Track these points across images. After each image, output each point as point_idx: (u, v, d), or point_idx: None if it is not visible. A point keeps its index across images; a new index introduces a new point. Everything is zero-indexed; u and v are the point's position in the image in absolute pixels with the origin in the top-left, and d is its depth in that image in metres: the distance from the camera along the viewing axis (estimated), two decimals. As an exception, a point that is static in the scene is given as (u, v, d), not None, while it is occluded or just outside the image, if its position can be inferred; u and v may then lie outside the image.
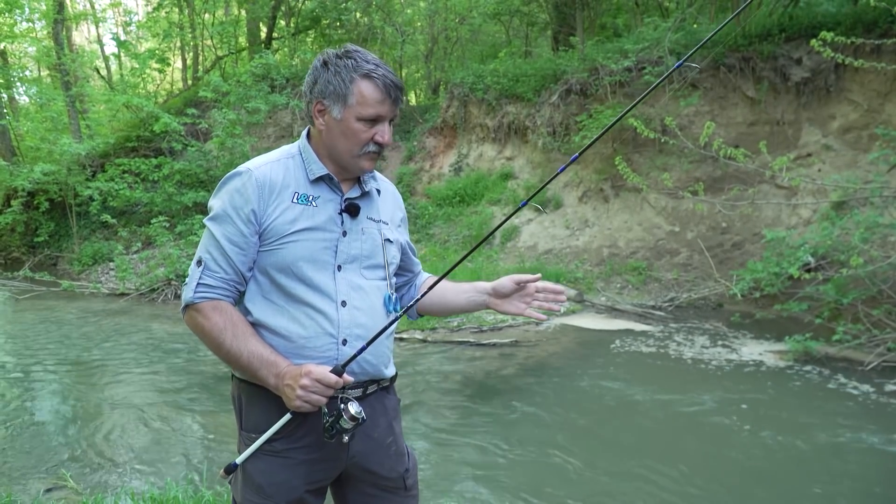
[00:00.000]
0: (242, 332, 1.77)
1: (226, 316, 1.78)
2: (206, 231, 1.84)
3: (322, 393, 1.69)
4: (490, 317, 9.25)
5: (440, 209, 14.46)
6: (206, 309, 1.78)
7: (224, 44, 21.15)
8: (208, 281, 1.79)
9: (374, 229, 1.95)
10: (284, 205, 1.81)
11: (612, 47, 12.77)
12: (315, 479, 1.88)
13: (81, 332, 9.40)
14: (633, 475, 4.61)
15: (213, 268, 1.79)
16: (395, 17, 20.24)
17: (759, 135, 10.54)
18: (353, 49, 1.84)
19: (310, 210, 1.83)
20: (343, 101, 1.80)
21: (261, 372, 1.74)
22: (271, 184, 1.81)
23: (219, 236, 1.79)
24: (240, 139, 14.57)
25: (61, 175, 15.29)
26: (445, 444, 5.30)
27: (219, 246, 1.79)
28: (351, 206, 1.89)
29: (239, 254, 1.79)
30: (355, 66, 1.79)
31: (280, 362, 1.74)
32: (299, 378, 1.68)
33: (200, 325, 1.78)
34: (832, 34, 6.57)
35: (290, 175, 1.85)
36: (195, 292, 1.79)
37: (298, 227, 1.80)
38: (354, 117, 1.80)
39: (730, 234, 10.66)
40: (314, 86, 1.84)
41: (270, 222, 1.79)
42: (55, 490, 4.43)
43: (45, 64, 24.94)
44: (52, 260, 16.02)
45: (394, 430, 2.02)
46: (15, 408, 6.33)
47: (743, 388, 6.36)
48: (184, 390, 6.78)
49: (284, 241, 1.80)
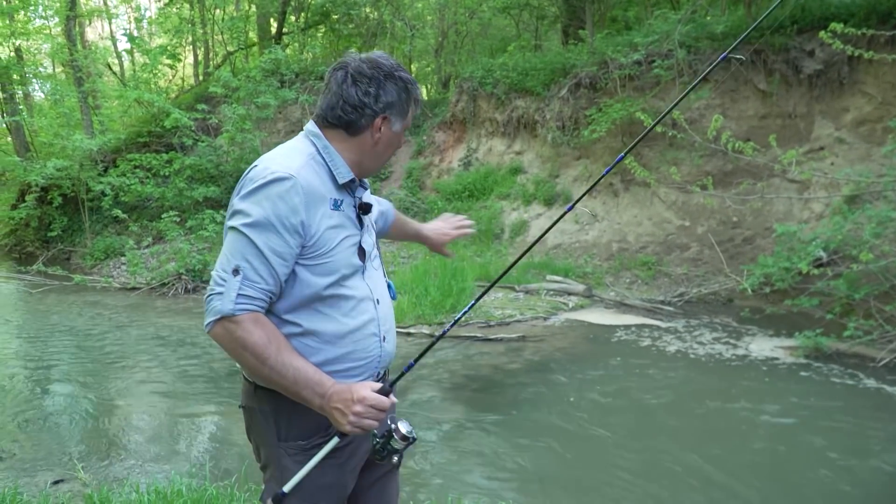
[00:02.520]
0: (285, 347, 1.70)
1: (268, 329, 1.69)
2: (242, 238, 1.68)
3: (375, 417, 1.68)
4: (498, 312, 9.21)
5: (449, 204, 14.41)
6: (247, 321, 1.66)
7: (234, 39, 21.18)
8: (248, 292, 1.66)
9: (369, 222, 1.96)
10: (327, 214, 1.77)
11: (621, 40, 12.67)
12: (356, 472, 1.93)
13: (93, 325, 9.45)
14: (639, 469, 4.58)
15: (253, 278, 1.67)
16: (405, 11, 20.18)
17: (771, 128, 10.42)
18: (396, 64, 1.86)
19: (341, 216, 1.81)
20: (402, 118, 1.88)
21: (304, 391, 1.68)
22: (314, 192, 1.73)
23: (261, 245, 1.67)
24: (249, 134, 14.61)
25: (74, 170, 15.40)
26: (453, 438, 5.28)
27: (261, 255, 1.67)
28: (364, 206, 1.90)
29: (282, 265, 1.70)
30: (411, 87, 1.87)
31: (325, 382, 1.69)
32: (351, 404, 1.65)
33: (240, 339, 1.66)
34: (842, 26, 6.47)
35: (321, 179, 1.79)
36: (236, 303, 1.65)
37: (342, 236, 1.79)
38: (403, 129, 1.90)
39: (741, 229, 10.56)
40: (380, 97, 1.81)
41: (319, 234, 1.74)
42: (63, 482, 4.47)
43: (58, 60, 25.08)
44: (66, 254, 16.14)
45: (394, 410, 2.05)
46: (25, 400, 6.39)
47: (752, 383, 6.31)
48: (193, 384, 6.81)
49: (333, 252, 1.77)
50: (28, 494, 3.99)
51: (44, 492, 4.08)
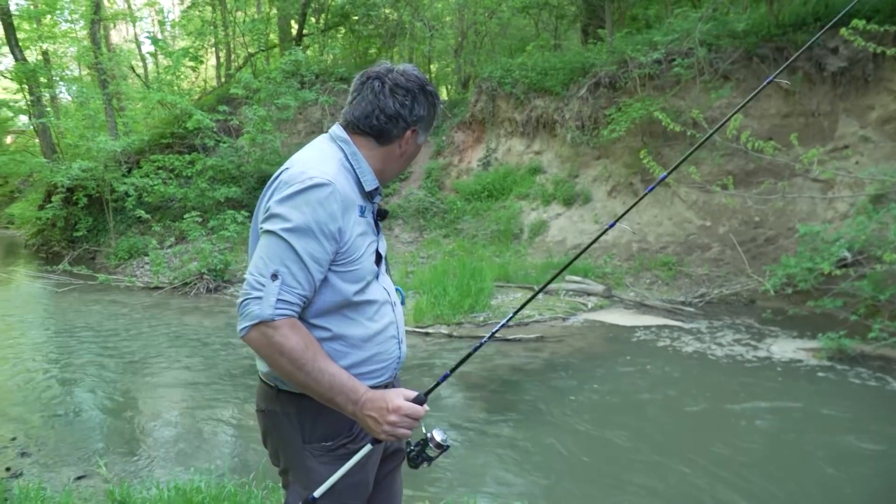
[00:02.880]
0: (320, 352, 1.70)
1: (304, 335, 1.69)
2: (281, 243, 1.68)
3: (409, 426, 1.70)
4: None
5: (468, 204, 14.41)
6: (285, 327, 1.66)
7: (255, 41, 21.33)
8: (287, 297, 1.67)
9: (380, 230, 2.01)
10: (357, 221, 1.79)
11: (641, 39, 12.59)
12: (377, 468, 1.97)
13: (116, 324, 9.57)
14: (656, 471, 4.55)
15: (291, 283, 1.67)
16: (424, 12, 20.20)
17: (794, 127, 10.29)
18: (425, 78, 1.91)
19: (365, 223, 1.84)
20: (427, 131, 1.93)
21: (339, 398, 1.69)
22: (348, 199, 1.75)
23: (300, 251, 1.67)
24: (270, 135, 14.71)
25: (98, 171, 15.59)
26: (469, 438, 5.28)
27: (300, 261, 1.67)
28: (382, 212, 1.95)
29: (319, 271, 1.71)
30: (437, 103, 1.94)
31: (358, 388, 1.71)
32: (386, 413, 1.67)
33: (278, 345, 1.65)
34: (865, 22, 6.36)
35: (352, 187, 1.81)
36: (276, 308, 1.65)
37: (367, 242, 1.83)
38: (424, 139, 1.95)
39: (763, 229, 10.44)
40: (414, 111, 1.84)
41: (351, 240, 1.76)
42: (85, 478, 4.55)
43: (84, 63, 25.44)
44: (91, 254, 16.35)
45: None
46: (51, 397, 6.50)
47: (773, 385, 6.23)
48: (213, 383, 6.86)
49: (361, 259, 1.79)
50: (52, 489, 4.05)
51: (67, 487, 4.15)
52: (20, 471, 4.65)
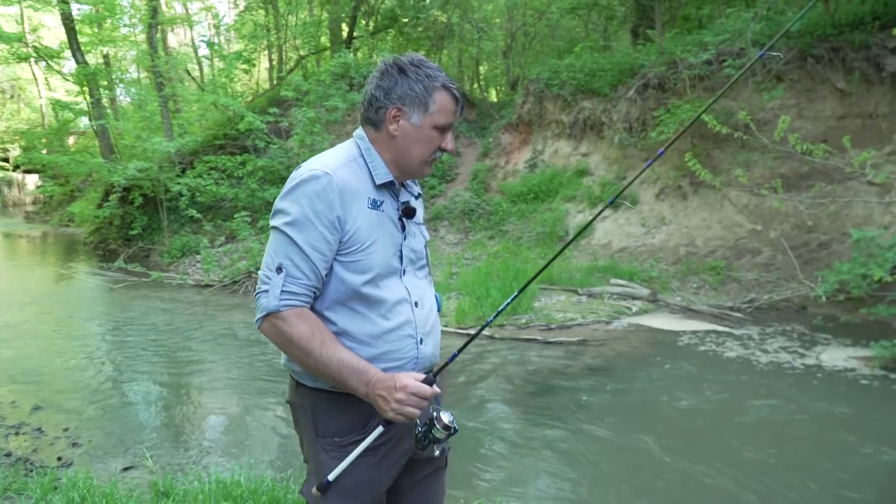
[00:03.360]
0: (330, 339, 1.76)
1: (311, 323, 1.76)
2: (282, 237, 1.77)
3: (417, 405, 1.72)
4: (559, 315, 9.14)
5: (514, 206, 14.38)
6: (291, 317, 1.74)
7: (306, 44, 21.69)
8: (292, 288, 1.74)
9: (419, 231, 2.00)
10: (364, 212, 1.82)
11: (691, 40, 12.38)
12: (393, 474, 1.93)
13: (167, 320, 9.86)
14: (692, 480, 4.48)
15: (295, 274, 1.74)
16: (473, 14, 20.24)
17: (850, 129, 9.99)
18: (421, 58, 1.90)
19: (380, 216, 1.86)
20: (424, 109, 1.86)
21: (351, 381, 1.74)
22: (350, 189, 1.80)
23: (301, 242, 1.74)
24: (319, 136, 14.91)
25: (153, 171, 16.04)
26: (507, 441, 5.29)
27: (301, 252, 1.74)
28: (407, 209, 1.93)
29: (322, 260, 1.76)
30: (434, 76, 1.87)
31: (370, 370, 1.75)
32: (394, 391, 1.70)
33: (286, 334, 1.74)
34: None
35: (361, 179, 1.86)
36: (280, 300, 1.73)
37: (376, 233, 1.83)
38: (431, 125, 1.86)
39: (816, 234, 10.15)
40: (392, 91, 1.86)
41: (355, 229, 1.79)
42: (132, 469, 4.70)
43: (142, 66, 26.27)
44: (145, 252, 16.82)
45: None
46: (103, 391, 6.73)
47: (822, 395, 6.07)
48: (258, 379, 7.02)
49: (367, 249, 1.81)
50: (99, 479, 4.20)
51: (114, 477, 4.30)
52: (71, 461, 4.83)
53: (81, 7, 22.14)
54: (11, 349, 8.19)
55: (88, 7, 22.02)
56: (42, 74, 32.94)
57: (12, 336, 8.89)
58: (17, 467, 4.51)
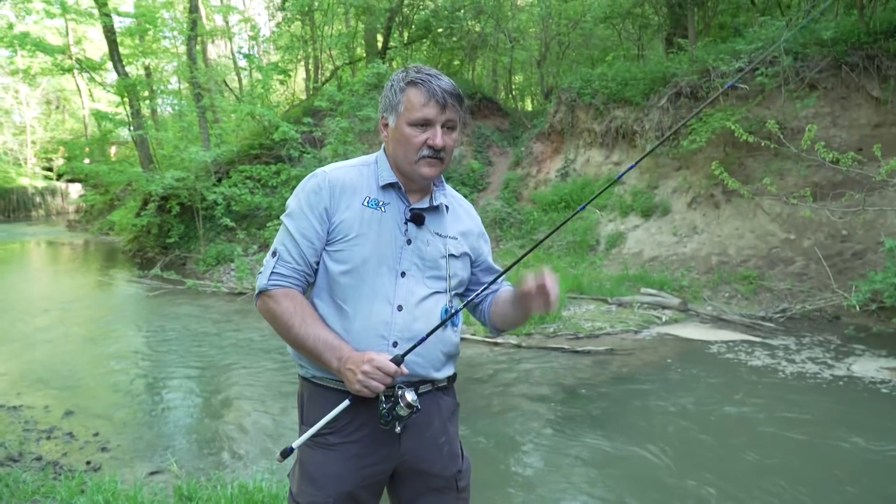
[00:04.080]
0: (311, 317, 1.93)
1: (296, 302, 1.93)
2: (282, 226, 2.01)
3: (381, 380, 1.81)
4: (588, 324, 9.15)
5: (545, 215, 14.40)
6: (278, 295, 1.93)
7: (341, 55, 21.99)
8: (281, 270, 1.95)
9: (440, 243, 2.06)
10: (355, 207, 1.96)
11: (724, 48, 12.31)
12: (366, 475, 1.97)
13: (200, 327, 10.07)
14: (730, 496, 4.48)
15: (286, 258, 1.95)
16: (506, 24, 20.35)
17: (886, 137, 9.85)
18: (412, 66, 2.01)
19: (378, 214, 1.98)
20: (395, 111, 1.97)
21: (325, 355, 1.88)
22: (342, 185, 1.98)
23: (293, 230, 1.96)
24: (352, 146, 15.12)
25: (190, 181, 16.41)
26: (531, 450, 5.33)
27: (293, 239, 1.96)
28: (416, 216, 2.01)
29: (310, 247, 1.96)
30: (405, 77, 1.97)
31: (343, 347, 1.88)
32: (361, 364, 1.81)
33: (272, 310, 1.94)
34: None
35: (364, 180, 2.02)
36: (269, 280, 1.94)
37: (366, 229, 1.95)
38: (405, 123, 1.95)
39: (850, 243, 10.01)
40: (380, 104, 2.05)
41: (339, 221, 1.95)
42: (158, 474, 4.80)
43: (182, 77, 26.89)
44: (182, 260, 17.17)
45: (448, 430, 2.10)
46: (133, 395, 6.86)
47: (852, 406, 6.00)
48: (287, 386, 7.10)
49: (350, 241, 1.94)
50: (125, 483, 4.32)
51: (139, 481, 4.41)
52: (99, 465, 4.94)
53: (123, 20, 22.79)
54: (46, 354, 8.41)
55: (131, 20, 22.64)
56: (85, 85, 33.85)
57: (47, 341, 9.14)
58: (46, 471, 4.64)
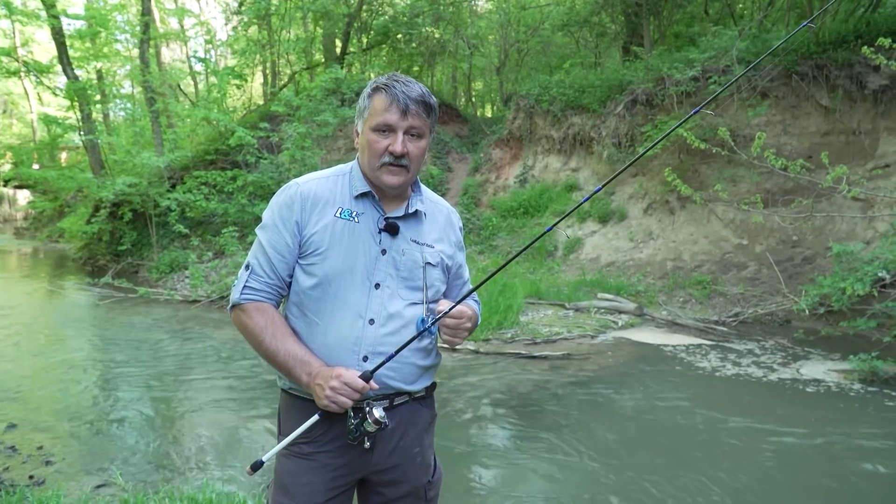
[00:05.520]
0: (282, 332, 1.89)
1: (267, 317, 1.90)
2: (257, 239, 1.98)
3: (349, 395, 1.77)
4: (545, 329, 9.17)
5: (504, 221, 14.44)
6: (251, 309, 1.90)
7: (299, 60, 21.78)
8: (253, 284, 1.92)
9: (416, 252, 1.98)
10: (327, 219, 1.91)
11: (678, 57, 12.52)
12: (338, 485, 1.94)
13: (153, 336, 9.81)
14: (681, 495, 4.49)
15: (259, 272, 1.92)
16: (465, 30, 20.40)
17: (834, 145, 10.11)
18: (390, 74, 1.98)
19: (351, 225, 1.92)
20: (362, 117, 1.95)
21: (295, 370, 1.85)
22: (315, 198, 1.93)
23: (265, 244, 1.93)
24: (309, 152, 14.96)
25: (142, 187, 16.03)
26: (490, 455, 5.28)
27: (265, 253, 1.92)
28: (390, 226, 1.94)
29: (281, 261, 1.92)
30: (373, 84, 1.94)
31: (313, 362, 1.84)
32: (329, 379, 1.77)
33: (244, 324, 1.91)
34: (889, 40, 6.25)
35: (337, 191, 1.96)
36: (241, 294, 1.92)
37: (336, 242, 1.89)
38: (369, 129, 1.91)
39: (801, 248, 10.23)
40: (356, 113, 2.01)
41: (311, 235, 1.90)
42: (104, 487, 4.61)
43: (136, 81, 26.33)
44: (134, 268, 16.77)
45: (422, 441, 2.07)
46: (82, 408, 6.60)
47: (801, 408, 6.09)
48: (244, 395, 6.96)
49: (322, 254, 1.89)
50: (69, 498, 4.15)
51: (85, 495, 4.24)
52: (43, 479, 4.72)
53: (73, 23, 22.21)
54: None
55: (81, 22, 22.08)
56: (33, 89, 32.93)
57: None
58: (-16, 487, 4.45)
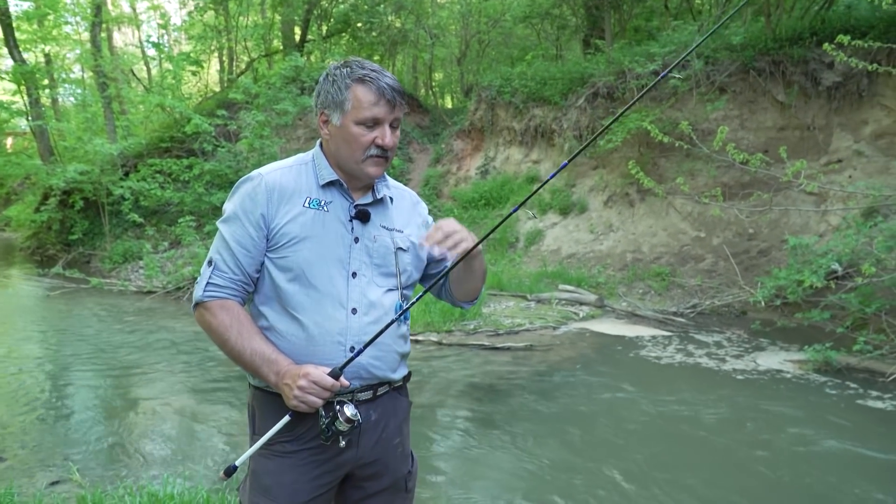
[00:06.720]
0: (248, 330, 1.82)
1: (232, 315, 1.82)
2: (218, 233, 1.89)
3: (318, 395, 1.71)
4: (508, 321, 9.20)
5: (465, 212, 14.43)
6: (215, 307, 1.83)
7: (257, 46, 21.41)
8: (217, 281, 1.84)
9: (387, 237, 1.95)
10: (296, 210, 1.84)
11: (639, 51, 12.64)
12: (323, 483, 1.89)
13: (106, 328, 9.58)
14: (640, 483, 4.54)
15: (222, 268, 1.84)
16: (427, 20, 20.30)
17: (789, 140, 10.32)
18: (353, 59, 1.90)
19: (321, 214, 1.86)
20: (340, 108, 1.85)
21: (262, 369, 1.78)
22: (281, 188, 1.86)
23: (228, 238, 1.84)
24: (268, 140, 14.71)
25: (95, 174, 15.59)
26: (453, 447, 5.28)
27: (228, 247, 1.84)
28: (361, 213, 1.91)
29: (246, 256, 1.84)
30: (350, 73, 1.85)
31: (281, 361, 1.78)
32: (297, 378, 1.71)
33: (208, 323, 1.84)
34: (849, 38, 6.39)
35: (302, 180, 1.89)
36: (205, 291, 1.84)
37: (308, 232, 1.84)
38: (353, 122, 1.84)
39: (757, 241, 10.45)
40: (318, 98, 1.91)
41: (280, 227, 1.83)
42: (60, 483, 4.48)
43: (86, 66, 25.55)
44: (86, 258, 16.33)
45: (402, 431, 2.05)
46: (33, 401, 6.42)
47: (757, 397, 6.22)
48: (202, 388, 6.83)
49: (294, 246, 1.83)
50: (24, 496, 4.01)
51: (39, 492, 4.11)
52: (-7, 477, 4.60)
53: (20, 4, 21.45)
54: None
55: (29, 3, 21.32)
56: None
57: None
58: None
